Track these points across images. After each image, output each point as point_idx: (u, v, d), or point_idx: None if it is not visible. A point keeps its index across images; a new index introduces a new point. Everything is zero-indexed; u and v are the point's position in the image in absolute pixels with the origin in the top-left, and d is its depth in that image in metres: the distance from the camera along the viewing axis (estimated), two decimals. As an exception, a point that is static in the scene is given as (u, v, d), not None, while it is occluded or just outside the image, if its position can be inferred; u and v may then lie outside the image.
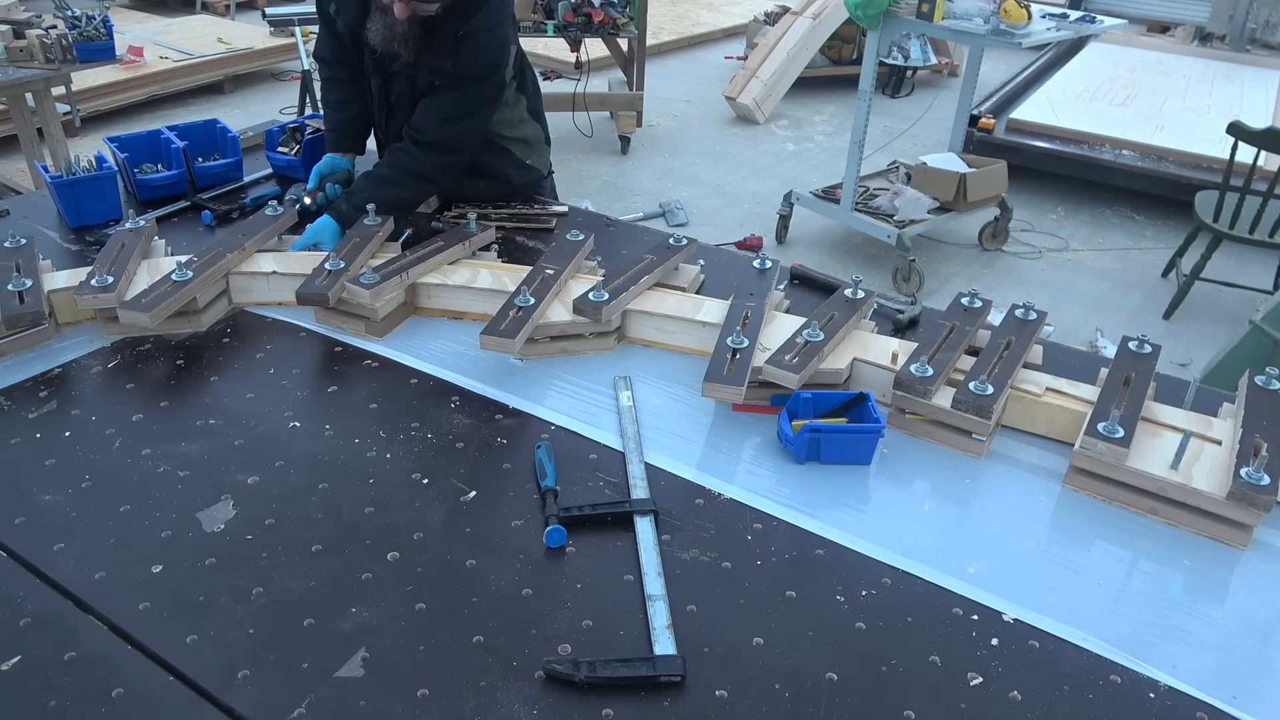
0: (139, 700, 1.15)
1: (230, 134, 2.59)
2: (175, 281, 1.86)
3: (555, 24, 5.63)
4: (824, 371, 1.71)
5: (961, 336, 1.76)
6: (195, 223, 2.36)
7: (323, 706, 1.14)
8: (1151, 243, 5.30)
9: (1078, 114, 5.94)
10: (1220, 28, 7.99)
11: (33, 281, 1.84)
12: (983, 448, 1.61)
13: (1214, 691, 1.21)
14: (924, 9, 4.18)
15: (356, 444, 1.60)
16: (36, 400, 1.68)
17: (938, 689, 1.20)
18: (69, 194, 2.26)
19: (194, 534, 1.40)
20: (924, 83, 7.88)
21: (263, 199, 2.39)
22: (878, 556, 1.41)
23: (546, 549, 1.39)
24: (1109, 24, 4.70)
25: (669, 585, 1.32)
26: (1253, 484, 1.41)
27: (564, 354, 1.87)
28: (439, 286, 1.97)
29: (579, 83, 6.08)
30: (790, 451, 1.61)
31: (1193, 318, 4.49)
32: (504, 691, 1.17)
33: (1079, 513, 1.52)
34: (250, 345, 1.87)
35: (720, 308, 1.89)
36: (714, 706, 1.17)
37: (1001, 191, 4.87)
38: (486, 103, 2.25)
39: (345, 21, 2.26)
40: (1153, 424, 1.60)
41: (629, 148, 6.31)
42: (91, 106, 6.10)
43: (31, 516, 1.42)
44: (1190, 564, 1.42)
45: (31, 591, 1.29)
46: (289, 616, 1.26)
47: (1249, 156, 4.13)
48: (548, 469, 1.51)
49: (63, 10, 4.38)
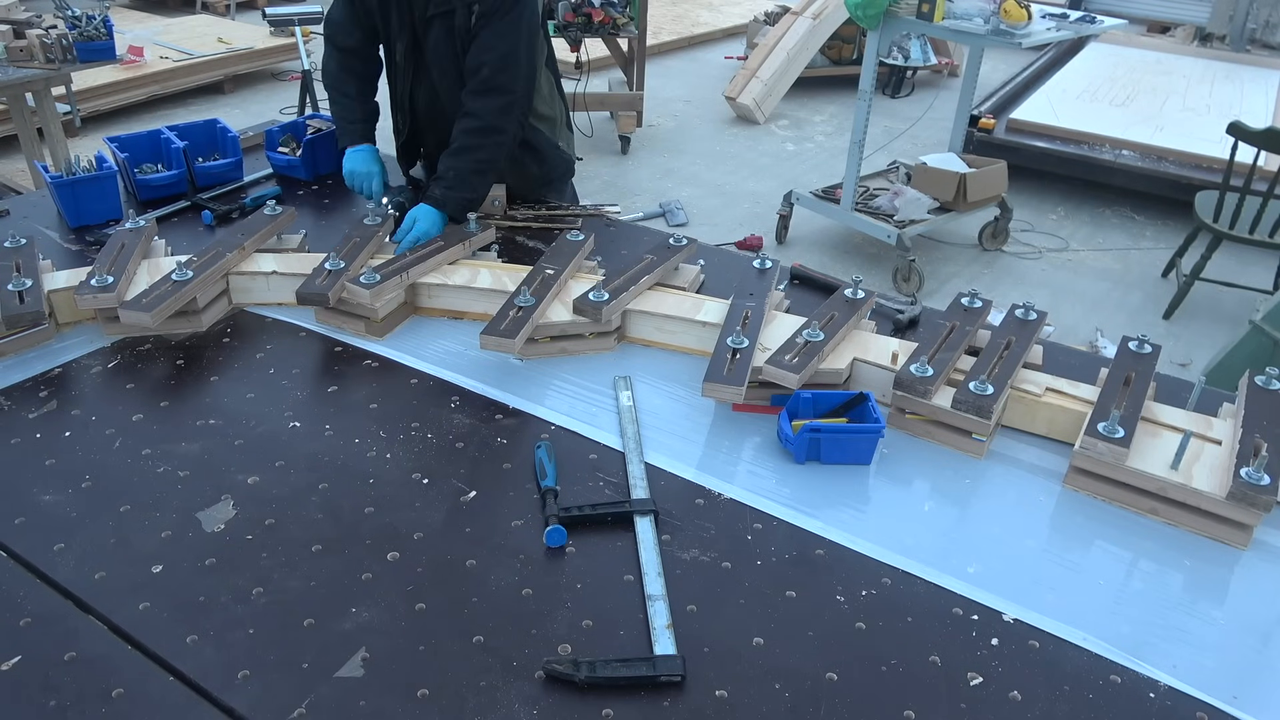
0: (139, 700, 1.15)
1: (230, 134, 2.59)
2: (175, 281, 1.86)
3: (555, 24, 5.63)
4: (824, 371, 1.71)
5: (961, 336, 1.76)
6: (195, 223, 2.36)
7: (323, 706, 1.14)
8: (1151, 243, 5.30)
9: (1078, 114, 5.93)
10: (1220, 28, 7.99)
11: (33, 281, 1.84)
12: (983, 448, 1.61)
13: (1214, 691, 1.21)
14: (924, 9, 4.18)
15: (356, 444, 1.60)
16: (36, 400, 1.68)
17: (938, 689, 1.20)
18: (69, 194, 2.26)
19: (194, 534, 1.40)
20: (924, 83, 7.87)
21: (262, 199, 2.39)
22: (878, 556, 1.41)
23: (546, 549, 1.39)
24: (1109, 24, 4.70)
25: (669, 585, 1.32)
26: (1253, 484, 1.41)
27: (564, 354, 1.87)
28: (439, 286, 1.97)
29: (579, 83, 6.08)
30: (790, 451, 1.61)
31: (1193, 318, 4.49)
32: (504, 691, 1.17)
33: (1079, 513, 1.52)
34: (250, 345, 1.87)
35: (720, 308, 1.89)
36: (714, 706, 1.17)
37: (1001, 191, 4.87)
38: (527, 33, 2.21)
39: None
40: (1153, 424, 1.60)
41: (629, 148, 6.31)
42: (91, 106, 6.10)
43: (31, 516, 1.42)
44: (1190, 564, 1.42)
45: (31, 591, 1.29)
46: (289, 616, 1.26)
47: (1249, 156, 4.13)
48: (548, 469, 1.51)
49: (63, 10, 4.38)
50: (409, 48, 2.29)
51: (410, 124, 2.47)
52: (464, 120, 2.22)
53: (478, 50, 2.18)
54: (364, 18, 2.32)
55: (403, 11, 2.24)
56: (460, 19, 2.18)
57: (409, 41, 2.28)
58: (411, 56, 2.30)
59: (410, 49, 2.29)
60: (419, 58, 2.30)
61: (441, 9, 2.19)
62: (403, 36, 2.28)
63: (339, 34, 2.38)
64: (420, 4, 2.21)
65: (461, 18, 2.18)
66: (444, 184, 2.21)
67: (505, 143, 2.27)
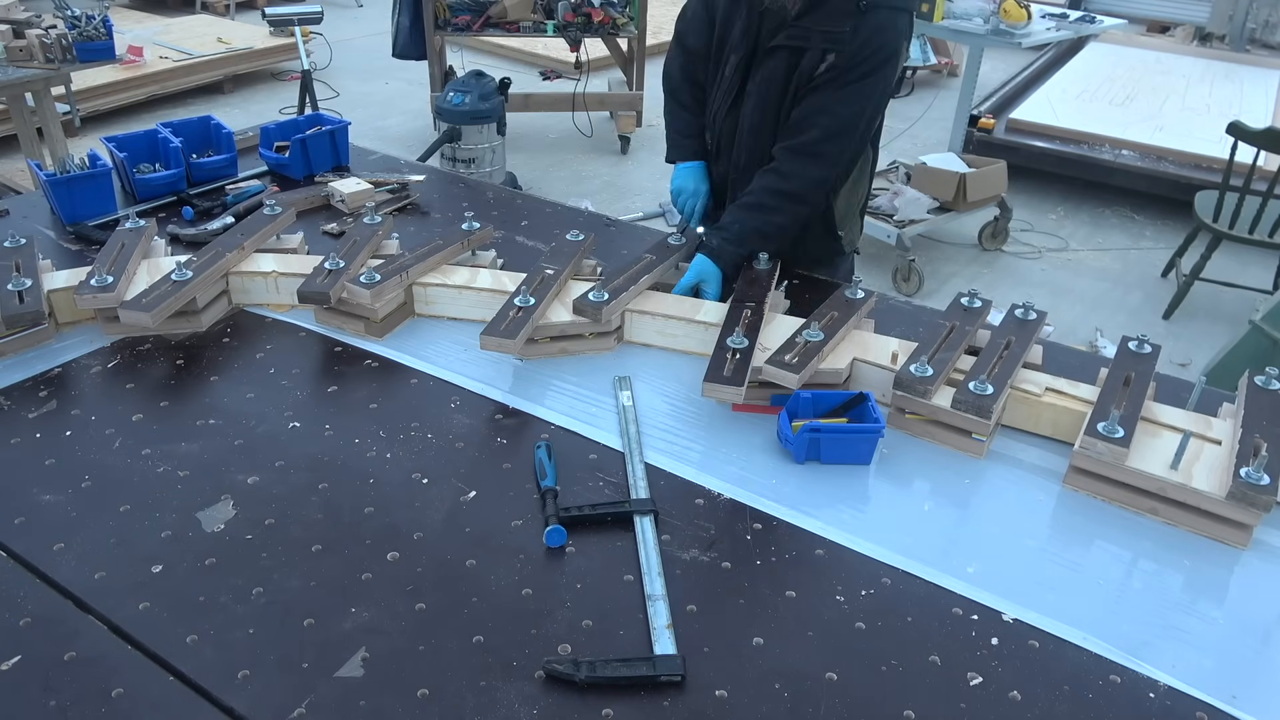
0: (139, 700, 1.15)
1: (225, 130, 2.59)
2: (175, 281, 1.86)
3: (555, 24, 5.64)
4: (824, 371, 1.71)
5: (961, 336, 1.76)
6: (178, 219, 2.34)
7: (323, 706, 1.14)
8: (1151, 243, 5.30)
9: (1077, 114, 5.94)
10: (1220, 28, 8.00)
11: (32, 281, 1.84)
12: (983, 448, 1.61)
13: (1214, 691, 1.21)
14: (924, 9, 4.18)
15: (356, 444, 1.60)
16: (36, 400, 1.68)
17: (938, 689, 1.20)
18: (64, 192, 2.26)
19: (194, 534, 1.40)
20: (924, 83, 7.87)
21: (244, 195, 2.39)
22: (878, 556, 1.41)
23: (546, 549, 1.39)
24: (1109, 24, 4.71)
25: (669, 585, 1.32)
26: (1253, 484, 1.41)
27: (564, 354, 1.87)
28: (438, 288, 1.97)
29: (579, 83, 6.09)
30: (790, 451, 1.61)
31: (1192, 318, 4.49)
32: (504, 691, 1.17)
33: (1079, 513, 1.52)
34: (250, 345, 1.87)
35: (720, 308, 1.89)
36: (714, 706, 1.17)
37: (1001, 191, 4.87)
38: (874, 103, 1.96)
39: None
40: (1152, 424, 1.60)
41: (629, 148, 6.31)
42: (91, 106, 6.10)
43: (31, 516, 1.42)
44: (1190, 564, 1.42)
45: (31, 591, 1.29)
46: (289, 616, 1.26)
47: (1249, 156, 4.13)
48: (548, 469, 1.51)
49: (62, 10, 4.38)
50: (742, 63, 2.03)
51: (712, 141, 2.20)
52: (770, 177, 1.99)
53: (815, 107, 1.93)
54: (712, 17, 2.08)
55: (751, 23, 1.99)
56: (808, 61, 1.92)
57: (744, 57, 2.02)
58: (740, 73, 2.05)
59: (742, 65, 2.03)
60: (743, 82, 2.05)
61: (791, 42, 1.92)
62: (740, 48, 2.02)
63: (689, 33, 2.14)
64: (770, 24, 1.94)
65: (810, 60, 1.92)
66: (725, 236, 2.00)
67: (804, 215, 2.04)
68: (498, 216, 2.44)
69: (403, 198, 2.49)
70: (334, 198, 2.44)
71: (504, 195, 2.66)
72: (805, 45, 1.91)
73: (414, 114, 6.87)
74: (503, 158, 5.11)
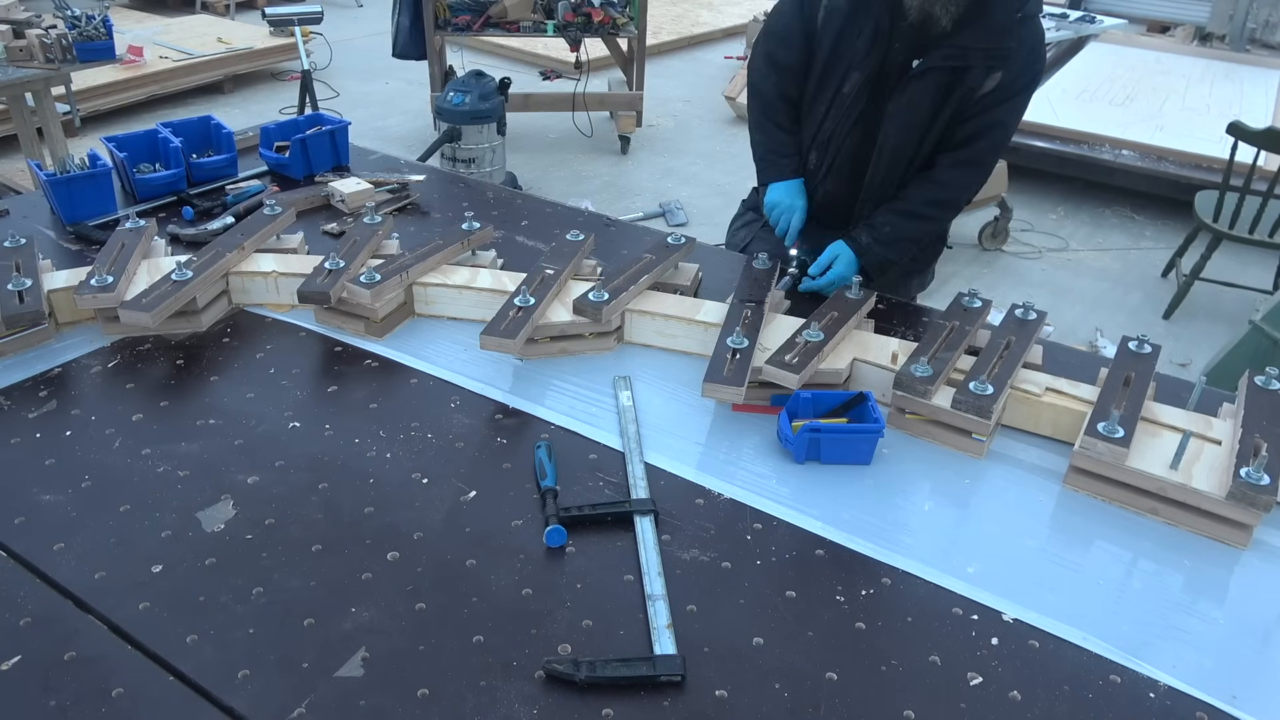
0: (139, 700, 1.15)
1: (225, 130, 2.59)
2: (175, 281, 1.86)
3: (555, 24, 5.63)
4: (824, 371, 1.71)
5: (961, 336, 1.76)
6: (178, 219, 2.34)
7: (323, 706, 1.14)
8: (1151, 243, 5.30)
9: (1077, 114, 5.93)
10: (1220, 28, 8.00)
11: (32, 281, 1.84)
12: (983, 448, 1.61)
13: (1214, 691, 1.21)
14: (924, 9, 4.18)
15: (356, 444, 1.60)
16: (36, 400, 1.68)
17: (938, 689, 1.20)
18: (64, 192, 2.26)
19: (194, 534, 1.40)
20: (924, 83, 7.87)
21: (244, 195, 2.39)
22: (878, 556, 1.41)
23: (546, 549, 1.39)
24: (1109, 24, 4.71)
25: (669, 585, 1.32)
26: (1253, 484, 1.41)
27: (564, 354, 1.87)
28: (438, 288, 1.97)
29: (579, 83, 6.09)
30: (790, 451, 1.61)
31: (1192, 318, 4.49)
32: (504, 691, 1.17)
33: (1079, 513, 1.52)
34: (250, 345, 1.87)
35: (720, 308, 1.89)
36: (714, 706, 1.17)
37: (1001, 191, 4.87)
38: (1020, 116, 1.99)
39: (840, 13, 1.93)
40: (1152, 424, 1.60)
41: (629, 148, 6.31)
42: (91, 106, 6.10)
43: (31, 516, 1.42)
44: (1190, 564, 1.42)
45: (31, 591, 1.29)
46: (289, 616, 1.26)
47: (1249, 156, 4.13)
48: (548, 469, 1.51)
49: (62, 10, 4.38)
50: (869, 83, 1.95)
51: (818, 161, 2.12)
52: (929, 186, 2.01)
53: (986, 122, 1.95)
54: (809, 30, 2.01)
55: (880, 39, 1.91)
56: (973, 79, 1.89)
57: (870, 75, 1.94)
58: (865, 91, 1.97)
59: (869, 86, 1.96)
60: (877, 101, 1.97)
61: (949, 62, 1.87)
62: (865, 66, 1.94)
63: (780, 50, 2.05)
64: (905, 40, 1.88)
65: (973, 79, 1.89)
66: (875, 235, 2.00)
67: (948, 222, 2.07)
68: (498, 216, 2.44)
69: (403, 198, 2.49)
70: (334, 198, 2.44)
71: (504, 195, 2.66)
72: (965, 64, 1.88)
73: (414, 114, 6.87)
74: (503, 158, 5.11)
